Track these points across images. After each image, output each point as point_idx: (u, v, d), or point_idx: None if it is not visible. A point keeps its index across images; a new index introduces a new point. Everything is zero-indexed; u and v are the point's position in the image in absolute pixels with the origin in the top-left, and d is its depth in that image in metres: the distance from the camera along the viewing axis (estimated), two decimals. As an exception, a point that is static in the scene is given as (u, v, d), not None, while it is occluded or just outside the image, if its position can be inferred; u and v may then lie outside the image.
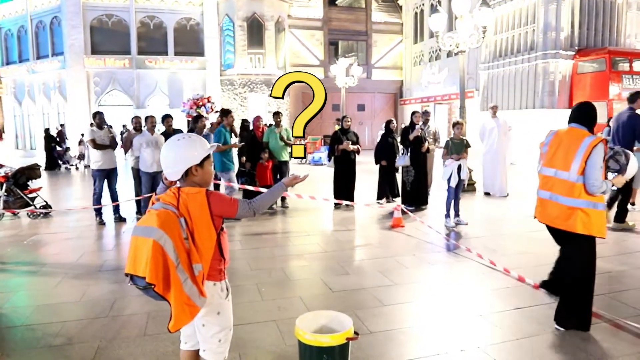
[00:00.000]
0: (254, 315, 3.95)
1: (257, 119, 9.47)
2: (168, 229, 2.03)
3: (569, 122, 3.71)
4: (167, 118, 8.42)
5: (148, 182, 7.88)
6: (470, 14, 9.99)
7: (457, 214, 7.26)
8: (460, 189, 7.25)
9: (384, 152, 8.91)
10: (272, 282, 4.82)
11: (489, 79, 22.88)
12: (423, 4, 28.50)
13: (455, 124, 7.32)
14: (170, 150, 2.25)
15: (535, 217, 3.91)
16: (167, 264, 1.99)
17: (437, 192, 9.54)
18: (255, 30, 25.26)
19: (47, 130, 19.18)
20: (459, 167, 6.99)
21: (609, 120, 10.41)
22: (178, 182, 2.28)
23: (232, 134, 9.80)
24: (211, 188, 2.38)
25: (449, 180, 7.04)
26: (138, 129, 8.38)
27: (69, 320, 3.89)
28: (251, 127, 10.01)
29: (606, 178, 3.52)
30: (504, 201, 9.54)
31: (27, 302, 4.39)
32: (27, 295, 4.62)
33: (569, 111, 13.32)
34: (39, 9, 25.17)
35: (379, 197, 9.12)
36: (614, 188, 3.56)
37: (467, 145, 7.23)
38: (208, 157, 2.30)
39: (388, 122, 9.11)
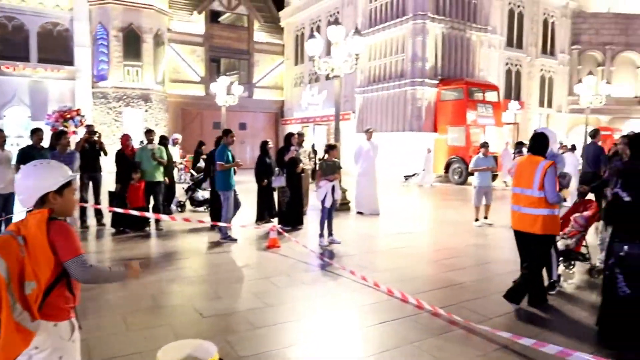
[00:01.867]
0: (118, 348, 3.68)
1: (126, 137, 8.95)
2: (2, 250, 1.88)
3: (528, 150, 4.83)
4: (37, 132, 7.53)
5: (-1, 204, 7.00)
6: (344, 41, 10.58)
7: (330, 233, 7.53)
8: (333, 209, 7.56)
9: (262, 172, 8.94)
10: (140, 311, 4.55)
11: (364, 102, 24.35)
12: (304, 28, 29.56)
13: (329, 147, 7.64)
14: (24, 176, 2.10)
15: (511, 227, 4.92)
16: None
17: (313, 212, 9.82)
18: (132, 42, 24.06)
19: None
20: (333, 188, 7.30)
21: (517, 144, 12.45)
22: None
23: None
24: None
25: (323, 200, 7.30)
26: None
27: None
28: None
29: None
30: (376, 220, 10.14)
31: None
32: None
33: (434, 134, 14.80)
34: None
35: (258, 219, 9.09)
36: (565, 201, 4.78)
37: (339, 167, 7.59)
38: (69, 184, 2.15)
39: (264, 143, 9.13)
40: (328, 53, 10.97)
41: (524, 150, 9.02)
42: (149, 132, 8.81)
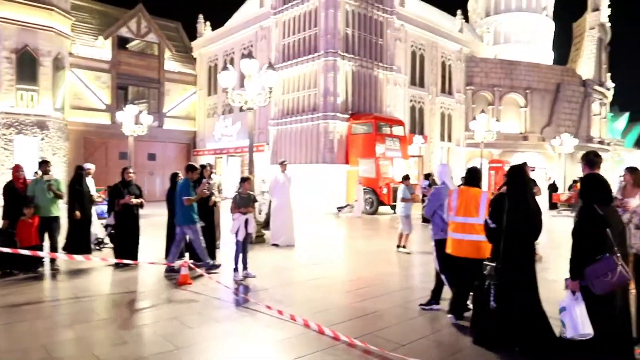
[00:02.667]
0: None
1: (17, 168, 8.15)
2: None
3: (464, 183, 5.21)
4: None
5: None
6: (258, 74, 10.66)
7: (245, 267, 7.35)
8: (247, 242, 7.40)
9: (172, 206, 8.49)
10: (29, 364, 4.06)
11: (278, 134, 24.55)
12: (217, 59, 29.43)
13: (243, 179, 7.54)
14: None
15: (450, 253, 5.13)
16: None
17: (226, 246, 9.56)
18: (27, 64, 22.26)
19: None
20: (246, 221, 7.17)
21: (426, 175, 13.65)
22: None
23: None
24: None
25: (237, 233, 7.14)
26: None
27: None
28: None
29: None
30: (291, 251, 10.09)
31: None
32: None
33: (346, 166, 15.42)
34: None
35: (168, 255, 8.57)
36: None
37: (254, 200, 7.50)
38: None
39: (174, 175, 8.75)
40: (242, 85, 10.97)
41: (457, 180, 9.51)
42: (44, 163, 8.12)
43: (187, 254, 8.59)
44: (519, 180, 4.43)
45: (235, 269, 7.27)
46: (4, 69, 21.79)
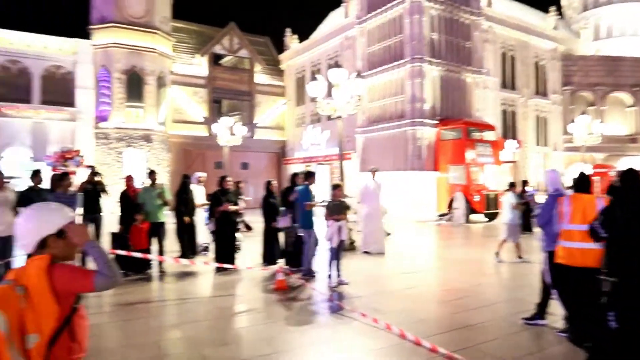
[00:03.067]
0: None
1: (129, 178, 8.95)
2: (1, 302, 1.77)
3: (575, 190, 4.91)
4: (37, 174, 7.42)
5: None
6: (346, 82, 10.77)
7: (338, 274, 7.41)
8: (341, 249, 7.46)
9: (267, 213, 8.86)
10: None
11: (366, 142, 24.56)
12: (304, 70, 30.21)
13: (334, 186, 7.63)
14: (24, 219, 2.01)
15: (562, 263, 4.70)
16: None
17: (320, 252, 9.70)
18: (134, 84, 24.48)
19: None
20: (339, 228, 7.23)
21: (523, 182, 13.57)
22: None
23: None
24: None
25: (330, 240, 7.22)
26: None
27: None
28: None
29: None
30: (382, 259, 10.00)
31: None
32: None
33: (435, 173, 15.02)
34: None
35: (265, 261, 8.88)
36: None
37: (347, 207, 7.55)
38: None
39: (268, 183, 9.07)
40: (329, 95, 11.11)
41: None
42: (152, 173, 8.83)
43: (282, 260, 8.85)
44: (634, 185, 4.02)
45: (329, 276, 7.35)
46: (116, 89, 24.11)
